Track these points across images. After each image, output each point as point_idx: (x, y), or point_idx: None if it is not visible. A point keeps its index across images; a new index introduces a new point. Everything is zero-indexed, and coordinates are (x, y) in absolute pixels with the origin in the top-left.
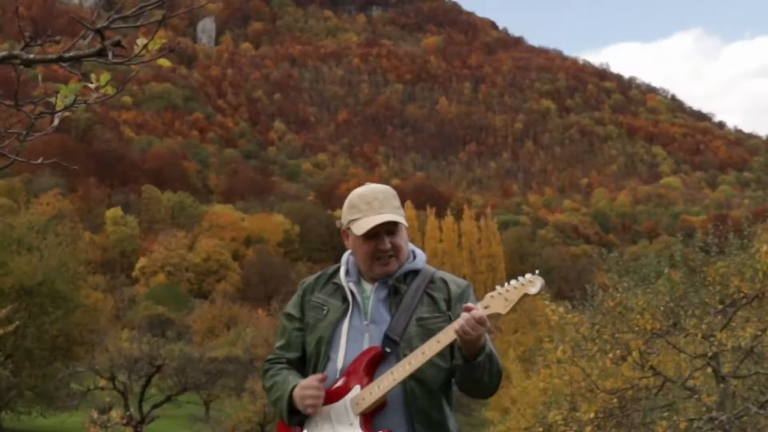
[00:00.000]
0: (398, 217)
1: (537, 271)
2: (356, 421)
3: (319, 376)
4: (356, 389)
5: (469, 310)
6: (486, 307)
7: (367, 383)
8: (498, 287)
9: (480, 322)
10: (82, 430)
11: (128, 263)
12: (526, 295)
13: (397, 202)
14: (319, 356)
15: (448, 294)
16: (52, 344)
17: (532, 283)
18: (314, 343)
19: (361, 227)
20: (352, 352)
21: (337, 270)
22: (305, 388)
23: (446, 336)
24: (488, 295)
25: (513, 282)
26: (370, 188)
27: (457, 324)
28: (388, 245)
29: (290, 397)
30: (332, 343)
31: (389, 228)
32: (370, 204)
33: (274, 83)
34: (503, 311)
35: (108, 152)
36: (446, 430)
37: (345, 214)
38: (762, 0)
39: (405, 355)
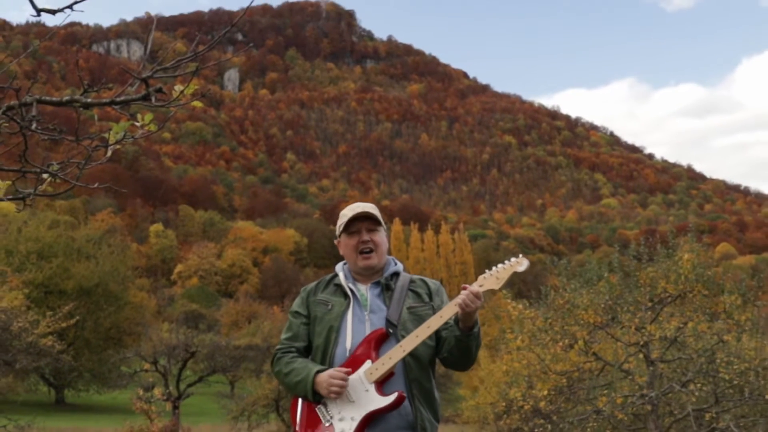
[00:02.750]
0: (373, 211)
1: (521, 255)
2: (371, 387)
3: (345, 369)
4: (368, 363)
5: (465, 288)
6: (481, 285)
7: (376, 358)
8: (487, 270)
9: (477, 296)
10: (130, 404)
11: (168, 269)
12: (515, 272)
13: (376, 212)
14: (329, 341)
15: (428, 290)
16: (106, 335)
17: (520, 263)
18: (325, 331)
19: (341, 218)
20: (356, 336)
21: (334, 277)
22: (333, 377)
23: (448, 311)
24: (481, 276)
25: (501, 264)
26: (355, 203)
27: (459, 299)
28: (367, 238)
29: (314, 380)
30: (340, 330)
31: (368, 226)
32: (353, 209)
33: (286, 122)
34: (497, 287)
35: (151, 178)
36: (433, 396)
37: (337, 227)
38: (684, 54)
39: (402, 336)
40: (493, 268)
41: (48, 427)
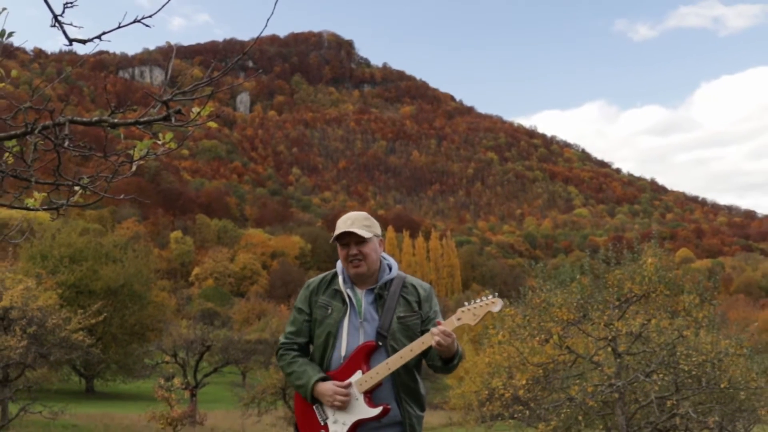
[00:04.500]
0: (359, 230)
1: (497, 293)
2: (361, 397)
3: (346, 383)
4: (358, 374)
5: (439, 324)
6: (459, 319)
7: (366, 369)
8: (467, 303)
9: (446, 334)
10: (153, 392)
11: (186, 271)
12: (489, 312)
13: (368, 222)
14: (327, 346)
15: (418, 297)
16: (131, 330)
17: (495, 303)
18: (324, 335)
19: (335, 234)
20: (351, 343)
21: (335, 276)
22: (337, 393)
23: (428, 339)
24: (460, 309)
25: (479, 301)
26: (349, 213)
27: (433, 341)
28: (354, 251)
29: (313, 388)
30: (337, 336)
31: (357, 239)
32: (345, 222)
33: (292, 140)
34: (473, 323)
35: (171, 190)
36: (419, 393)
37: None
38: (648, 79)
39: (392, 346)
40: (472, 302)
41: (79, 414)
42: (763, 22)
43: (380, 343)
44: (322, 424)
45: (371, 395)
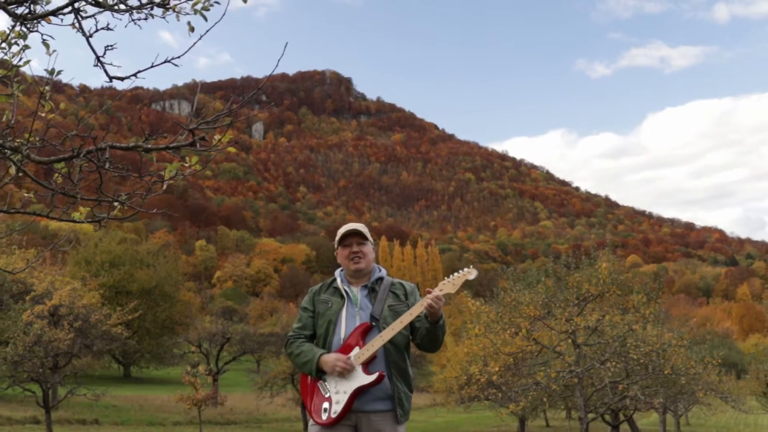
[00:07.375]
0: (362, 229)
1: (471, 265)
2: (359, 368)
3: (346, 357)
4: (356, 349)
5: (429, 292)
6: (441, 290)
7: (363, 345)
8: (446, 277)
9: (438, 299)
10: (181, 378)
11: (209, 274)
12: (467, 280)
13: (364, 230)
14: (328, 332)
15: (404, 291)
16: (162, 325)
17: (470, 272)
18: (325, 324)
19: (338, 234)
20: (348, 327)
21: (333, 281)
22: (339, 359)
23: (416, 309)
24: (441, 282)
25: (456, 273)
26: (349, 223)
27: (426, 302)
28: (356, 249)
29: (318, 361)
30: (336, 323)
31: (357, 240)
32: (347, 227)
33: (299, 163)
34: (453, 291)
35: (197, 206)
36: (408, 373)
37: (335, 241)
38: (603, 111)
39: (383, 328)
40: (451, 276)
41: (117, 396)
42: (702, 62)
43: (373, 324)
44: (326, 396)
45: (368, 366)
